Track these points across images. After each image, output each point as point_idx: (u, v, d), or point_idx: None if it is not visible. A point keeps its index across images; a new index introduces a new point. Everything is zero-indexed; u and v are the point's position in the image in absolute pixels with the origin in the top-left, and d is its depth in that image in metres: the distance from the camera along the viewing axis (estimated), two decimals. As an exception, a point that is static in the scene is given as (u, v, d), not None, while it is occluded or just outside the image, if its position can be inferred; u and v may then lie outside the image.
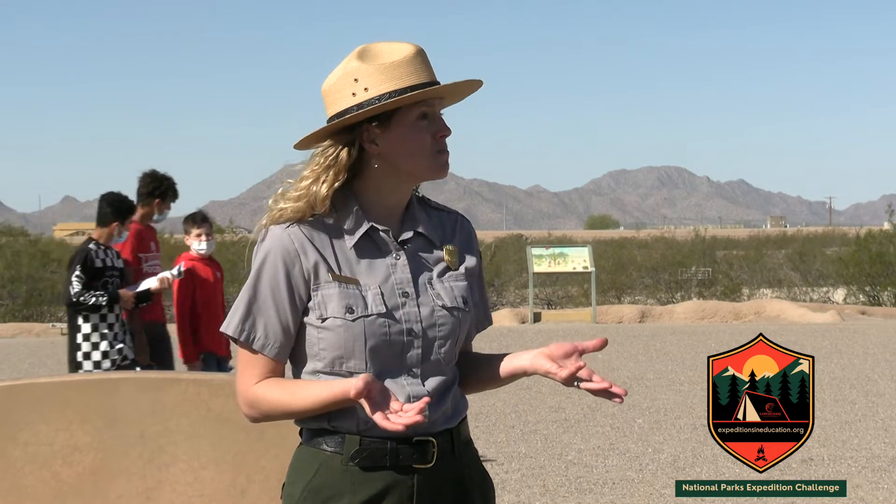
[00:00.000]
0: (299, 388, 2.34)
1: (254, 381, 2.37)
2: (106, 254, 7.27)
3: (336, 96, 2.39)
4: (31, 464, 3.95)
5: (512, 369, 2.48)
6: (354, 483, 2.34)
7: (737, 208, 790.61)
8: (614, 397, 2.33)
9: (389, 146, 2.38)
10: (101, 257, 7.21)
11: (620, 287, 27.41)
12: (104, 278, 7.16)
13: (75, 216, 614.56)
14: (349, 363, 2.33)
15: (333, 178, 2.37)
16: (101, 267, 7.16)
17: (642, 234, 50.21)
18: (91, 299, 7.01)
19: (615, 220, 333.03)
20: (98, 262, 7.17)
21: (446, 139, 2.42)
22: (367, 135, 2.38)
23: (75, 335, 7.20)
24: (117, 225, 7.35)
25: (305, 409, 2.33)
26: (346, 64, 2.39)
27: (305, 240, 2.36)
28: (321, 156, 2.38)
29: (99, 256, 7.20)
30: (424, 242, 2.46)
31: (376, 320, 2.33)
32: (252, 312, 2.36)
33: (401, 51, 2.38)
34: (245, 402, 2.39)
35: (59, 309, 24.43)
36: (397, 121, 2.37)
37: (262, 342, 2.36)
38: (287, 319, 2.36)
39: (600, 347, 2.35)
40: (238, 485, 3.97)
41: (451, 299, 2.42)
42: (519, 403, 10.60)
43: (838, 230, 55.82)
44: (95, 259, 7.16)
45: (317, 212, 2.38)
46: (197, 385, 4.02)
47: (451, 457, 2.40)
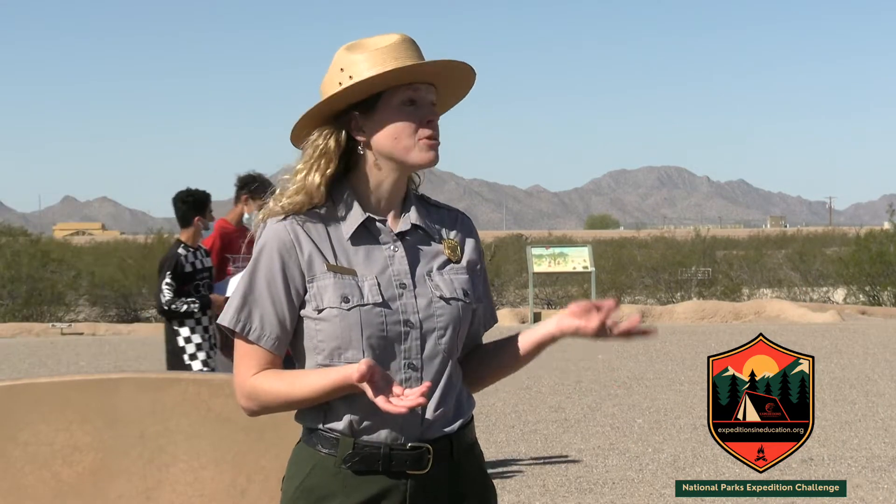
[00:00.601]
0: (298, 377, 2.34)
1: (251, 373, 2.36)
2: (195, 256, 7.06)
3: (325, 88, 2.40)
4: (31, 464, 3.95)
5: (538, 339, 2.48)
6: (347, 486, 2.33)
7: (737, 208, 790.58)
8: (647, 334, 2.42)
9: (374, 132, 2.38)
10: (191, 261, 7.01)
11: (620, 287, 27.40)
12: (195, 282, 6.98)
13: (75, 216, 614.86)
14: (347, 353, 2.32)
15: (325, 165, 2.37)
16: (191, 271, 6.97)
17: (642, 234, 50.19)
18: (182, 307, 6.85)
19: (615, 220, 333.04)
20: (188, 266, 6.97)
21: (438, 128, 2.39)
22: (354, 123, 2.39)
23: (175, 339, 6.96)
24: (200, 219, 7.15)
25: (305, 398, 2.33)
26: (336, 56, 2.41)
27: (301, 231, 2.36)
28: (311, 146, 2.39)
29: (188, 260, 6.99)
30: (423, 235, 2.45)
31: (372, 310, 2.32)
32: (248, 304, 2.36)
33: (387, 39, 2.38)
34: (243, 394, 2.38)
35: (58, 309, 24.46)
36: (381, 106, 2.37)
37: (259, 333, 2.35)
38: (283, 311, 2.35)
39: (615, 307, 2.40)
40: (238, 485, 3.97)
41: (450, 291, 2.40)
42: (519, 403, 10.59)
43: (838, 230, 55.79)
44: (185, 264, 6.96)
45: (315, 202, 2.38)
46: (197, 385, 4.02)
47: (448, 463, 2.37)
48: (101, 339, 18.52)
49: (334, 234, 2.39)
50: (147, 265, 25.92)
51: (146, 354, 15.44)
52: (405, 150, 2.38)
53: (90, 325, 21.32)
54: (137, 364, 14.29)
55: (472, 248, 2.52)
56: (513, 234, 50.92)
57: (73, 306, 25.50)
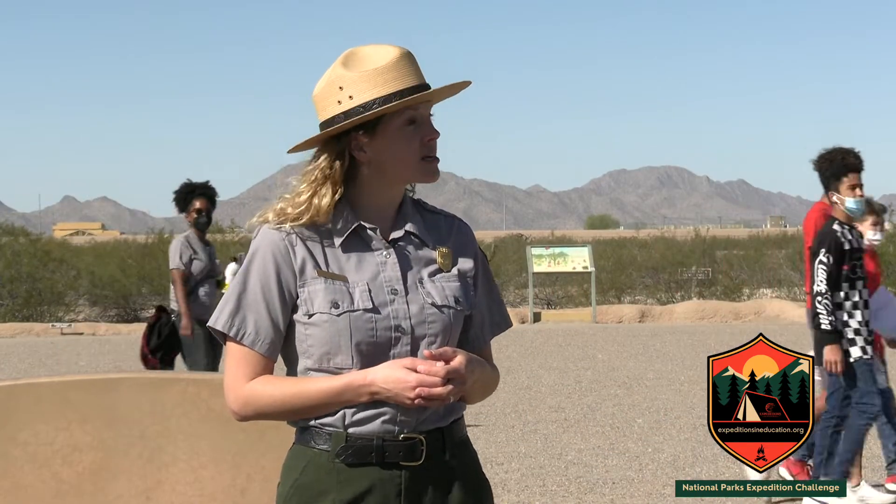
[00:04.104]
0: (299, 383, 2.34)
1: (246, 379, 2.35)
2: (851, 234, 6.60)
3: (323, 103, 2.40)
4: (31, 464, 3.94)
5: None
6: (340, 481, 2.33)
7: (737, 208, 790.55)
8: None
9: (377, 153, 2.39)
10: (847, 238, 6.56)
11: (620, 287, 27.39)
12: (853, 262, 6.54)
13: (75, 216, 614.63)
14: (336, 359, 2.33)
15: (332, 189, 2.38)
16: (848, 249, 6.53)
17: (642, 234, 50.11)
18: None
19: (615, 220, 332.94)
20: (846, 244, 6.53)
21: (436, 142, 2.41)
22: (355, 143, 2.38)
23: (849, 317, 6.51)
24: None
25: (308, 406, 2.33)
26: (332, 71, 2.39)
27: (295, 237, 2.37)
28: (316, 169, 2.39)
29: (846, 237, 6.55)
30: (417, 242, 2.45)
31: (362, 315, 2.33)
32: (241, 308, 2.36)
33: (385, 55, 2.37)
34: (237, 399, 2.36)
35: (58, 309, 24.44)
36: (383, 127, 2.37)
37: (253, 338, 2.35)
38: (277, 315, 2.36)
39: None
40: (238, 485, 3.97)
41: (441, 298, 2.41)
42: (519, 403, 10.60)
43: (838, 230, 55.58)
44: (843, 241, 6.52)
45: (319, 223, 2.39)
46: (197, 385, 4.02)
47: (441, 456, 2.38)
48: (101, 339, 18.52)
49: (326, 241, 2.39)
50: (147, 265, 25.93)
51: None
52: (409, 171, 2.40)
53: (90, 325, 21.32)
54: (137, 364, 14.27)
55: (468, 256, 2.52)
56: (513, 234, 50.89)
57: (73, 306, 25.50)
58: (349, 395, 2.31)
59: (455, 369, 2.28)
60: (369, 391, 2.30)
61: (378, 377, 2.29)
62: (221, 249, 27.71)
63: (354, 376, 2.30)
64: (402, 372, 2.27)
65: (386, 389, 2.28)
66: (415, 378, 2.26)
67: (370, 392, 2.30)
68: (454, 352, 2.32)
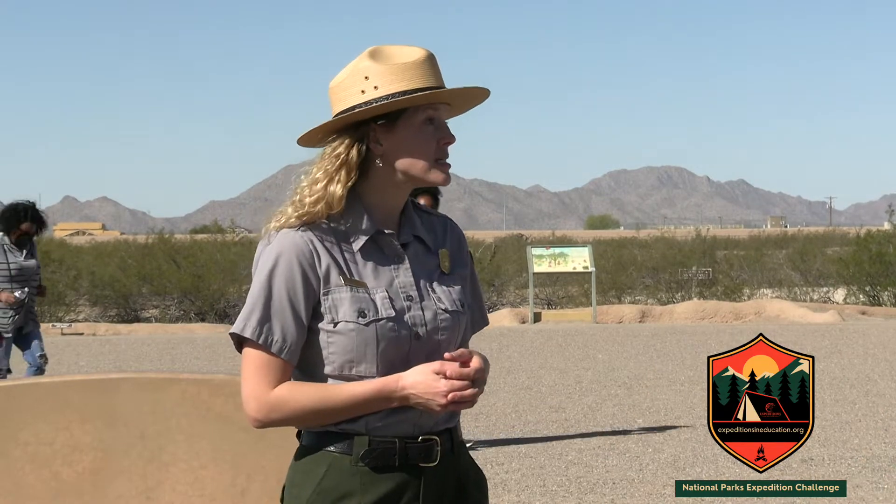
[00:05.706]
0: (329, 389, 2.33)
1: (270, 386, 2.32)
2: None
3: (344, 93, 2.39)
4: (31, 464, 3.94)
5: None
6: (364, 483, 2.34)
7: (737, 208, 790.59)
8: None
9: (393, 146, 2.39)
10: None
11: (620, 287, 27.41)
12: None
13: (75, 216, 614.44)
14: (360, 367, 2.33)
15: (346, 176, 2.37)
16: None
17: (642, 234, 50.16)
18: None
19: (615, 220, 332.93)
20: None
21: (449, 148, 2.43)
22: (372, 134, 2.38)
23: None
24: None
25: (340, 409, 2.32)
26: (357, 63, 2.40)
27: (318, 242, 2.36)
28: (332, 155, 2.38)
29: None
30: (422, 246, 2.47)
31: (387, 324, 2.33)
32: (270, 315, 2.33)
33: (412, 53, 2.40)
34: (262, 406, 2.33)
35: (58, 309, 24.44)
36: (403, 122, 2.38)
37: (280, 345, 2.33)
38: (302, 321, 2.34)
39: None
40: (238, 485, 3.97)
41: (450, 303, 2.43)
42: (519, 403, 10.60)
43: (838, 230, 55.80)
44: None
45: (333, 212, 2.37)
46: (197, 385, 4.01)
47: (451, 456, 2.42)
48: (101, 339, 18.52)
49: (345, 246, 2.38)
50: (147, 265, 25.96)
51: (146, 354, 15.45)
52: (422, 170, 2.40)
53: (90, 325, 21.32)
54: (137, 364, 14.29)
55: (464, 257, 2.55)
56: (513, 234, 50.93)
57: (73, 306, 25.50)
58: (380, 402, 2.31)
59: (479, 369, 2.32)
60: (401, 396, 2.31)
61: (409, 383, 2.30)
62: (221, 250, 27.76)
63: (387, 382, 2.30)
64: (433, 378, 2.29)
65: (417, 395, 2.30)
66: (445, 384, 2.28)
67: (402, 398, 2.31)
68: (470, 353, 2.35)
